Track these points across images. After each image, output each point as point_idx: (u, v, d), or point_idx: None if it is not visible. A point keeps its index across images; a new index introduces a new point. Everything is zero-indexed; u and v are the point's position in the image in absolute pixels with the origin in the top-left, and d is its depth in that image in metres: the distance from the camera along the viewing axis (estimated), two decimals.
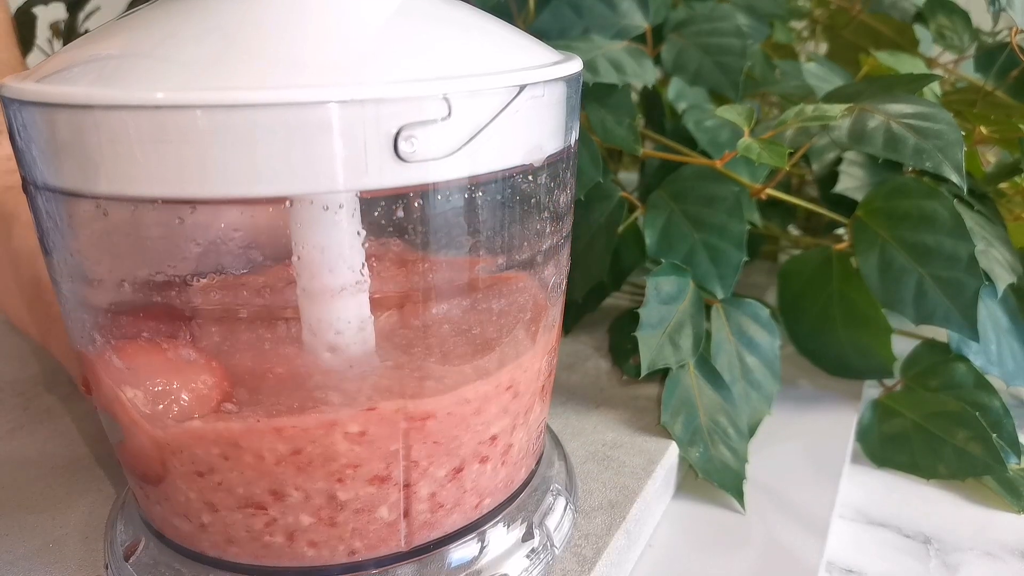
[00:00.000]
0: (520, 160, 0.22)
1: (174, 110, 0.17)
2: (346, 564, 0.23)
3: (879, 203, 0.38)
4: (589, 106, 0.41)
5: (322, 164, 0.18)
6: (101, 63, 0.20)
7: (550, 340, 0.26)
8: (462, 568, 0.25)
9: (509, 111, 0.20)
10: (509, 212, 0.22)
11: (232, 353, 0.21)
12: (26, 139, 0.20)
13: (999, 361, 0.39)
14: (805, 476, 0.35)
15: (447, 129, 0.19)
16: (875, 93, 0.38)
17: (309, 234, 0.19)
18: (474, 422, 0.24)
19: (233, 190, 0.18)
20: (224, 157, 0.18)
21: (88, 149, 0.18)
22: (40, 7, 0.60)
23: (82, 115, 0.18)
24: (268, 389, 0.21)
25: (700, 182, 0.39)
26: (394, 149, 0.18)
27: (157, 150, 0.18)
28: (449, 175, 0.20)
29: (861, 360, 0.41)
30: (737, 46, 0.43)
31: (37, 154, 0.20)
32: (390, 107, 0.18)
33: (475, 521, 0.25)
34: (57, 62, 0.21)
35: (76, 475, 0.31)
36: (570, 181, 0.25)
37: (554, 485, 0.29)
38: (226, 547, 0.23)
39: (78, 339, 0.23)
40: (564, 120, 0.23)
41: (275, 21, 0.19)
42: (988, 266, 0.36)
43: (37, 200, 0.21)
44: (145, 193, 0.19)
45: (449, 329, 0.22)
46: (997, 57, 0.46)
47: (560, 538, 0.27)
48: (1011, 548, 0.33)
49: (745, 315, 0.38)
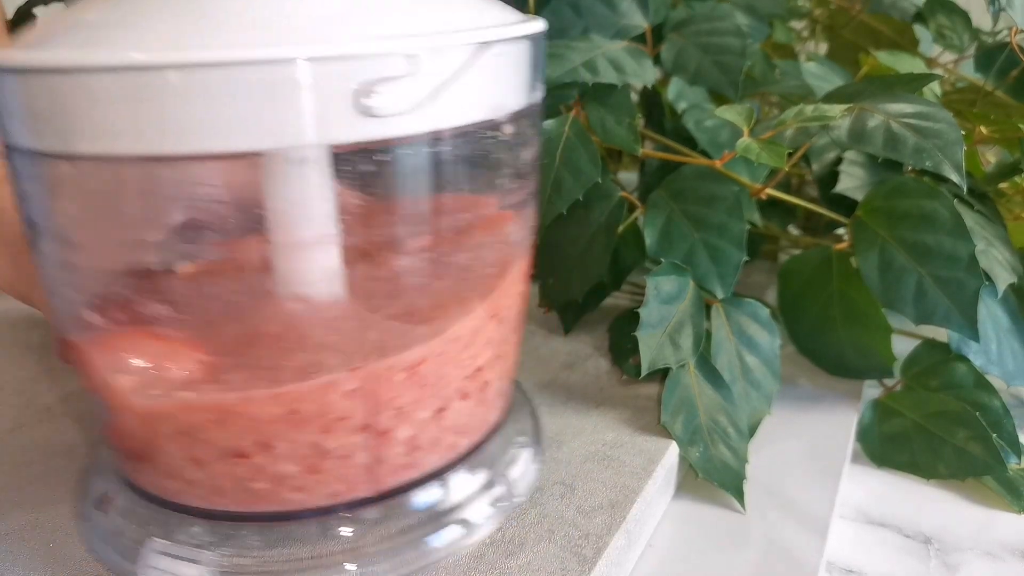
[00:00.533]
0: (483, 116, 0.22)
1: (149, 70, 0.18)
2: (319, 508, 0.24)
3: (879, 203, 0.38)
4: (589, 106, 0.41)
5: (290, 119, 0.19)
6: (76, 31, 0.20)
7: (522, 269, 0.27)
8: (426, 511, 0.26)
9: (472, 68, 0.21)
10: (473, 167, 0.23)
11: (220, 321, 0.22)
12: (5, 105, 0.20)
13: (999, 361, 0.39)
14: (805, 476, 0.35)
15: (411, 85, 0.20)
16: (875, 93, 0.38)
17: (280, 189, 0.20)
18: (462, 357, 0.24)
19: (207, 146, 0.19)
20: (197, 114, 0.18)
21: (66, 111, 0.19)
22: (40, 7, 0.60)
23: (60, 79, 0.19)
24: (261, 355, 0.22)
25: (700, 182, 0.39)
26: (359, 105, 0.19)
27: (133, 109, 0.18)
28: (413, 130, 0.20)
29: (861, 360, 0.41)
30: (737, 46, 0.43)
31: (17, 119, 0.20)
32: (355, 64, 0.19)
33: (443, 466, 0.26)
34: (33, 33, 0.21)
35: (76, 475, 0.31)
36: (533, 138, 0.26)
37: (519, 437, 0.29)
38: (212, 498, 0.24)
39: (63, 321, 0.24)
40: (527, 78, 0.24)
41: None
42: (988, 266, 0.36)
43: (16, 163, 0.22)
44: (122, 151, 0.19)
45: (425, 276, 0.23)
46: (997, 57, 0.46)
47: (524, 488, 0.28)
48: (1011, 548, 0.33)
49: (745, 315, 0.38)
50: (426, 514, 0.26)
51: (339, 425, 0.23)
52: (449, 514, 0.26)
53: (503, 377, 0.28)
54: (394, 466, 0.24)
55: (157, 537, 0.24)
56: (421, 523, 0.25)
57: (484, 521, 0.26)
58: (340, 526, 0.24)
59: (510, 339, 0.28)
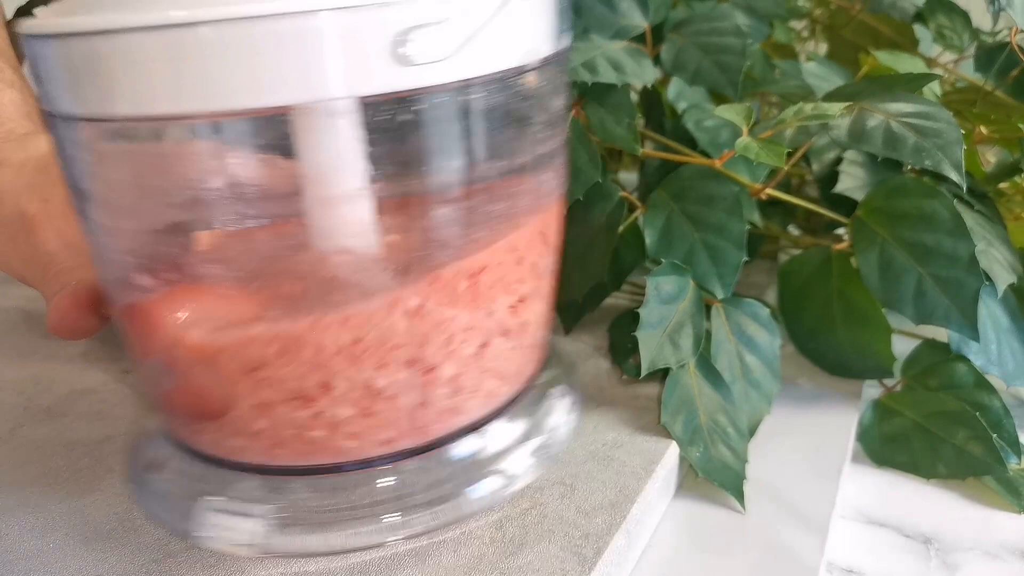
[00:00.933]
0: (516, 62, 0.22)
1: (184, 27, 0.18)
2: (366, 460, 0.25)
3: (879, 203, 0.38)
4: (589, 106, 0.41)
5: (325, 71, 0.19)
6: None
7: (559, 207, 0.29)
8: (467, 460, 0.26)
9: (503, 13, 0.21)
10: (507, 115, 0.23)
11: (272, 272, 0.22)
12: (46, 72, 0.21)
13: (999, 361, 0.39)
14: (805, 476, 0.35)
15: (444, 32, 0.20)
16: (875, 92, 0.38)
17: (315, 142, 0.20)
18: (512, 277, 0.25)
19: (244, 102, 0.19)
20: (232, 70, 0.18)
21: (106, 74, 0.19)
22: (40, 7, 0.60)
23: (99, 41, 0.19)
24: (319, 288, 0.22)
25: (700, 182, 0.39)
26: (393, 53, 0.19)
27: (171, 68, 0.19)
28: (448, 77, 0.20)
29: (861, 360, 0.41)
30: (737, 45, 0.43)
31: (57, 85, 0.21)
32: (388, 11, 0.19)
33: (484, 416, 0.27)
34: (68, 2, 0.21)
35: (76, 475, 0.31)
36: (563, 86, 0.26)
37: (557, 387, 0.30)
38: (272, 451, 0.24)
39: (114, 288, 0.24)
40: (555, 23, 0.24)
41: None
42: (988, 266, 0.36)
43: (60, 130, 0.22)
44: (162, 111, 0.19)
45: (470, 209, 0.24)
46: (997, 57, 0.46)
47: (562, 436, 0.28)
48: (1011, 548, 0.33)
49: (745, 314, 0.38)
50: (467, 463, 0.26)
51: (393, 356, 0.23)
52: (489, 464, 0.26)
53: (539, 323, 0.28)
54: (439, 410, 0.25)
55: (210, 495, 0.25)
56: (462, 472, 0.26)
57: (524, 471, 0.27)
58: (385, 477, 0.25)
59: (547, 277, 0.28)
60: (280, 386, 0.23)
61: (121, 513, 0.29)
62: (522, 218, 0.26)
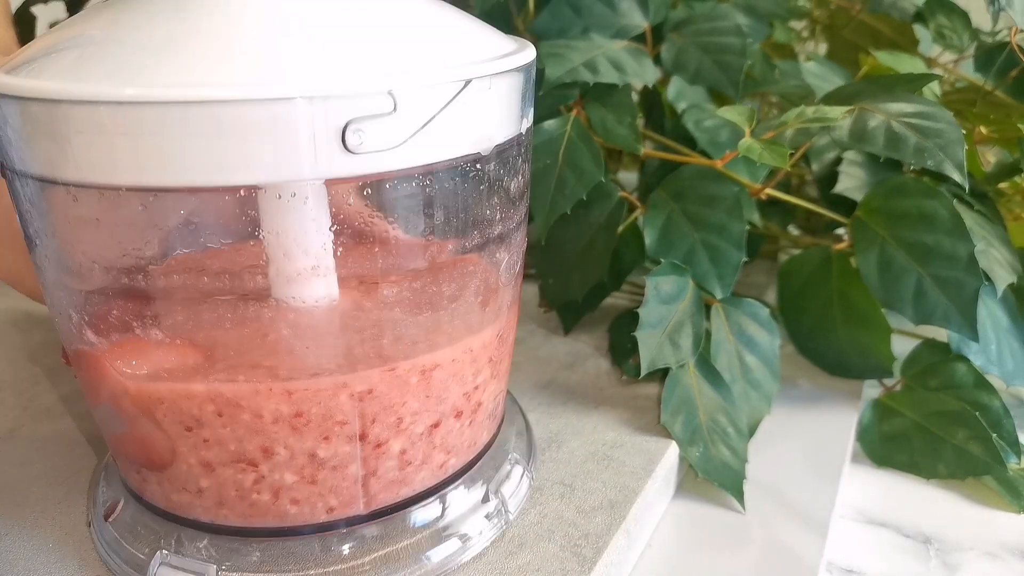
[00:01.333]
0: (468, 150, 0.22)
1: (140, 105, 0.18)
2: (320, 524, 0.24)
3: (879, 203, 0.38)
4: (589, 105, 0.41)
5: (276, 155, 0.19)
6: (67, 53, 0.20)
7: (517, 294, 0.28)
8: (424, 527, 0.26)
9: (456, 104, 0.21)
10: (460, 199, 0.23)
11: (223, 338, 0.22)
12: (3, 128, 0.20)
13: (999, 361, 0.39)
14: (805, 476, 0.35)
15: (394, 122, 0.20)
16: (875, 93, 0.38)
17: (272, 220, 0.20)
18: (467, 372, 0.25)
19: (196, 179, 0.19)
20: (186, 149, 0.19)
21: (58, 139, 0.19)
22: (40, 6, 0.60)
23: (52, 108, 0.19)
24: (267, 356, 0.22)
25: (700, 182, 0.39)
26: (342, 142, 0.19)
27: (124, 142, 0.19)
28: (397, 166, 0.20)
29: (861, 360, 0.41)
30: (737, 45, 0.43)
31: (12, 142, 0.20)
32: (338, 103, 0.19)
33: (438, 483, 0.26)
34: (28, 52, 0.21)
35: (76, 475, 0.31)
36: (522, 167, 0.26)
37: (512, 454, 0.30)
38: (217, 511, 0.24)
39: (65, 334, 0.24)
40: (516, 109, 0.24)
41: (226, 15, 0.20)
42: (988, 266, 0.36)
43: (15, 185, 0.22)
44: (113, 182, 0.19)
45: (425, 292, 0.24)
46: (997, 57, 0.46)
47: (515, 505, 0.28)
48: (1011, 548, 0.33)
49: (745, 315, 0.38)
50: (423, 530, 0.26)
51: (337, 431, 0.23)
52: (444, 530, 0.26)
53: (495, 399, 0.28)
54: (387, 481, 0.25)
55: (164, 550, 0.25)
56: (419, 539, 0.26)
57: (479, 535, 0.26)
58: (340, 543, 0.25)
59: (504, 361, 0.28)
60: (221, 446, 0.23)
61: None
62: (475, 316, 0.25)
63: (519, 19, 0.48)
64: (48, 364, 0.41)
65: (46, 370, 0.40)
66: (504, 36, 0.25)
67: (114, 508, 0.26)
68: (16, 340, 0.44)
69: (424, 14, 0.23)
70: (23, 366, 0.41)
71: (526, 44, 0.25)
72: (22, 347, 0.43)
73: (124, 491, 0.27)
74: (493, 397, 0.28)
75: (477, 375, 0.26)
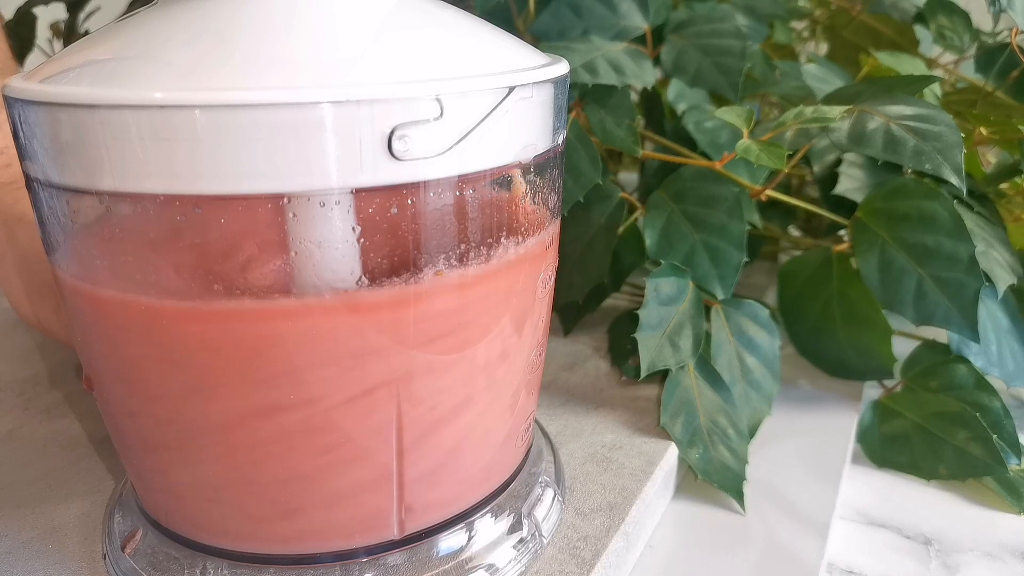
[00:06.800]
0: (510, 159, 0.22)
1: (175, 109, 0.18)
2: (339, 552, 0.24)
3: (879, 204, 0.38)
4: (589, 107, 0.41)
5: (318, 162, 0.19)
6: (101, 65, 0.20)
7: (548, 312, 0.28)
8: (451, 557, 0.25)
9: (499, 111, 0.21)
10: (498, 210, 0.23)
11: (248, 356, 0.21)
12: (30, 137, 0.20)
13: (999, 362, 0.39)
14: (805, 477, 0.35)
15: (439, 129, 0.20)
16: (875, 94, 0.38)
17: (306, 230, 0.20)
18: (505, 392, 0.25)
19: (232, 187, 0.19)
20: (223, 155, 0.18)
21: (91, 147, 0.19)
22: (40, 7, 0.60)
23: (86, 114, 0.18)
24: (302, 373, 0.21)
25: (700, 183, 0.39)
26: (388, 148, 0.19)
27: (158, 148, 0.18)
28: (441, 173, 0.20)
29: (861, 361, 0.41)
30: (737, 47, 0.43)
31: (41, 152, 0.20)
32: (384, 107, 0.19)
33: (464, 511, 0.26)
34: (57, 64, 0.21)
35: (76, 475, 0.31)
36: (558, 181, 0.26)
37: (543, 478, 0.29)
38: (225, 536, 0.24)
39: (85, 355, 0.24)
40: (552, 120, 0.24)
41: (270, 22, 0.20)
42: (988, 267, 0.36)
43: (40, 197, 0.21)
44: (147, 189, 0.19)
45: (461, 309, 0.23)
46: (997, 58, 0.46)
47: (548, 529, 0.27)
48: (1011, 549, 0.33)
49: (745, 316, 0.38)
50: (450, 559, 0.25)
51: (359, 461, 0.22)
52: (473, 560, 0.25)
53: (527, 419, 0.28)
54: (413, 511, 0.24)
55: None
56: (445, 570, 0.25)
57: (507, 565, 0.26)
58: (362, 572, 0.24)
59: (536, 378, 0.28)
60: (256, 467, 0.22)
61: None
62: (512, 336, 0.24)
63: (519, 20, 0.48)
64: (48, 364, 0.41)
65: (46, 370, 0.40)
66: (535, 50, 0.25)
67: (132, 537, 0.26)
68: (16, 340, 0.44)
69: (459, 25, 0.23)
70: (23, 366, 0.41)
71: (559, 58, 0.25)
72: (22, 347, 0.43)
73: (143, 520, 0.26)
74: (526, 416, 0.27)
75: (516, 395, 0.25)
